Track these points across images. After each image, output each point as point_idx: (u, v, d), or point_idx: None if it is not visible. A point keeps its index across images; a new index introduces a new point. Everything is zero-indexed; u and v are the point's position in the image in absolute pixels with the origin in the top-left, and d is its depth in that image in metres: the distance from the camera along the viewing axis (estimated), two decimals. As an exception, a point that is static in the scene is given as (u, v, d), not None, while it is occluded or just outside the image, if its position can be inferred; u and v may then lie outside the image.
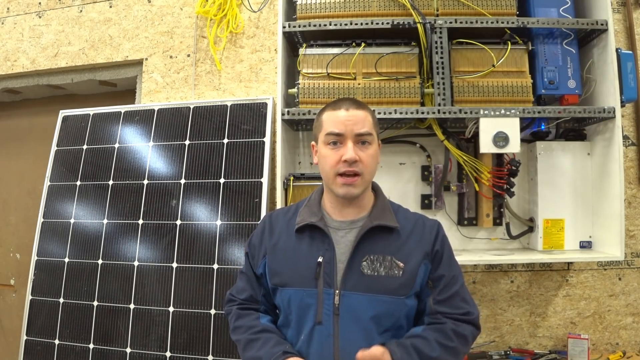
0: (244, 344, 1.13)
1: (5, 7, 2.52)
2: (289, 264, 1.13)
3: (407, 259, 1.10)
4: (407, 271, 1.09)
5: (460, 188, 1.90)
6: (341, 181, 1.09)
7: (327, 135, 1.11)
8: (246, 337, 1.13)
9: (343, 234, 1.13)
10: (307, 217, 1.15)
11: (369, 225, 1.11)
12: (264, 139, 1.94)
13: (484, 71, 1.71)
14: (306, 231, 1.15)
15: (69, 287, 2.01)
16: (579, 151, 1.84)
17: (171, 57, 2.27)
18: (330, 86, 1.74)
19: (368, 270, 1.09)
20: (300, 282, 1.11)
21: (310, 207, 1.18)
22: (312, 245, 1.13)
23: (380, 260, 1.09)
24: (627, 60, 1.71)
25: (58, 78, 2.48)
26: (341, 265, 1.09)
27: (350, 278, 1.08)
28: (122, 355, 1.87)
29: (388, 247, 1.11)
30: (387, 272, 1.09)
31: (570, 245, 1.81)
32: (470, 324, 1.11)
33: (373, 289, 1.08)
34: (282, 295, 1.14)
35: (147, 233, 1.96)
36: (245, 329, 1.15)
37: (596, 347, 1.95)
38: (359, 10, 1.77)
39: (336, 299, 1.07)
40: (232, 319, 1.21)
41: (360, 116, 1.11)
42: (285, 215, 1.22)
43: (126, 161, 2.08)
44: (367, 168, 1.10)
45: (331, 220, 1.16)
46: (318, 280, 1.08)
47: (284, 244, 1.16)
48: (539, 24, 1.71)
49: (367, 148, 1.11)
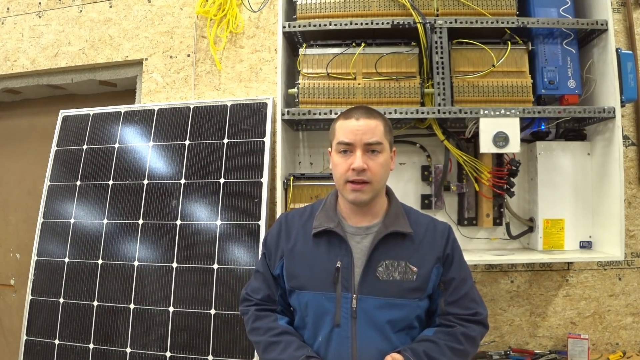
0: (264, 346, 1.16)
1: (5, 7, 2.52)
2: (307, 268, 1.17)
3: (420, 263, 1.15)
4: (421, 275, 1.14)
5: (460, 188, 1.90)
6: (350, 187, 1.13)
7: (338, 144, 1.15)
8: (266, 339, 1.16)
9: (359, 239, 1.17)
10: (325, 222, 1.18)
11: (384, 232, 1.15)
12: (264, 139, 1.94)
13: (484, 71, 1.71)
14: (324, 236, 1.18)
15: (69, 287, 2.01)
16: (579, 151, 1.84)
17: (171, 57, 2.27)
18: (330, 86, 1.74)
19: (383, 275, 1.13)
20: (318, 286, 1.14)
21: (326, 211, 1.21)
22: (330, 251, 1.16)
23: (395, 265, 1.14)
24: (627, 60, 1.71)
25: (58, 78, 2.48)
26: (358, 270, 1.14)
27: (366, 283, 1.13)
28: (122, 355, 1.87)
29: (402, 252, 1.16)
30: (401, 277, 1.13)
31: (570, 245, 1.81)
32: (479, 324, 1.18)
33: (388, 293, 1.12)
34: (299, 297, 1.17)
35: (147, 233, 1.96)
36: (264, 331, 1.18)
37: (596, 347, 1.95)
38: (359, 10, 1.77)
39: (354, 302, 1.12)
40: (250, 319, 1.22)
41: (371, 125, 1.14)
42: (300, 218, 1.25)
43: (126, 161, 2.08)
44: (375, 176, 1.13)
45: (348, 225, 1.19)
46: (336, 284, 1.13)
47: (301, 248, 1.19)
48: (539, 24, 1.71)
49: (377, 157, 1.14)
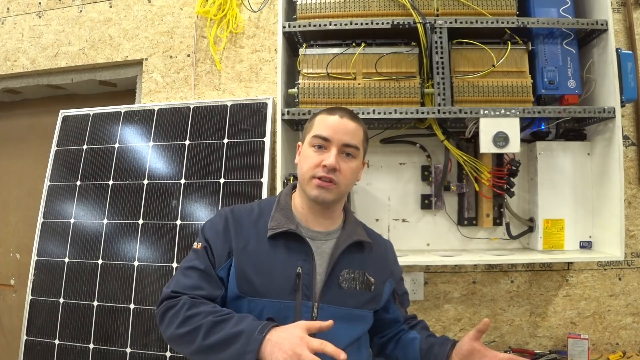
0: (208, 327, 0.94)
1: (5, 7, 2.52)
2: (263, 272, 1.05)
3: (376, 275, 1.15)
4: (377, 286, 1.15)
5: (460, 188, 1.90)
6: (316, 183, 1.07)
7: (314, 137, 1.10)
8: (211, 319, 0.95)
9: (319, 244, 1.11)
10: (284, 224, 1.09)
11: (349, 239, 1.12)
12: (264, 139, 1.94)
13: (484, 71, 1.71)
14: (281, 239, 1.08)
15: (69, 287, 2.01)
16: (579, 151, 1.84)
17: (171, 57, 2.27)
18: (330, 86, 1.74)
19: (345, 283, 1.09)
20: (275, 293, 1.04)
21: (283, 212, 1.13)
22: (289, 255, 1.07)
23: (356, 274, 1.11)
24: (627, 60, 1.71)
25: (58, 78, 2.48)
26: (320, 277, 1.08)
27: (329, 291, 1.07)
28: (122, 355, 1.87)
29: (362, 262, 1.14)
30: (360, 287, 1.11)
31: (570, 245, 1.81)
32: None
33: (349, 303, 1.09)
34: (251, 305, 1.04)
35: (147, 233, 1.96)
36: (205, 314, 0.97)
37: (596, 347, 1.95)
38: (359, 10, 1.77)
39: (314, 311, 1.05)
40: (183, 308, 0.99)
41: (352, 128, 1.10)
42: (249, 216, 1.13)
43: (126, 161, 2.08)
44: (344, 180, 1.09)
45: (306, 229, 1.12)
46: (297, 292, 1.04)
47: (254, 249, 1.07)
48: (539, 24, 1.71)
49: (350, 161, 1.10)
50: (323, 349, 0.85)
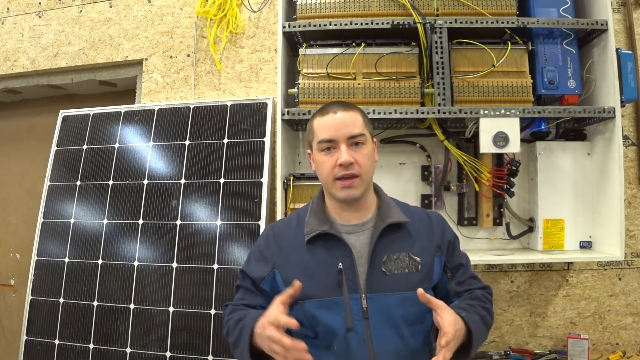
0: (232, 324, 1.12)
1: (5, 7, 2.52)
2: (308, 275, 1.09)
3: (421, 253, 1.13)
4: (424, 264, 1.12)
5: (460, 188, 1.90)
6: (340, 185, 1.09)
7: (320, 143, 1.11)
8: (235, 316, 1.12)
9: (356, 237, 1.13)
10: (318, 226, 1.13)
11: (382, 225, 1.12)
12: (264, 139, 1.94)
13: (484, 71, 1.71)
14: (318, 241, 1.12)
15: (69, 287, 2.01)
16: (579, 151, 1.84)
17: (171, 57, 2.27)
18: (330, 86, 1.74)
19: (389, 269, 1.09)
20: (323, 292, 1.08)
21: (316, 215, 1.16)
22: (328, 254, 1.11)
23: (399, 257, 1.11)
24: (627, 60, 1.71)
25: (58, 78, 2.48)
26: (362, 268, 1.09)
27: (373, 280, 1.08)
28: (122, 355, 1.87)
29: (402, 243, 1.13)
30: (408, 269, 1.10)
31: (570, 245, 1.81)
32: (489, 292, 1.19)
33: (397, 287, 1.08)
34: (303, 308, 1.10)
35: (147, 233, 1.96)
36: (239, 315, 1.13)
37: (596, 347, 1.95)
38: (359, 10, 1.77)
39: (363, 302, 1.07)
40: (226, 313, 1.18)
41: (351, 118, 1.11)
42: (289, 228, 1.19)
43: (126, 161, 2.08)
44: (363, 168, 1.10)
45: (340, 225, 1.15)
46: (342, 287, 1.07)
47: (297, 257, 1.13)
48: (539, 24, 1.71)
49: (361, 149, 1.11)
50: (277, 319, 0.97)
